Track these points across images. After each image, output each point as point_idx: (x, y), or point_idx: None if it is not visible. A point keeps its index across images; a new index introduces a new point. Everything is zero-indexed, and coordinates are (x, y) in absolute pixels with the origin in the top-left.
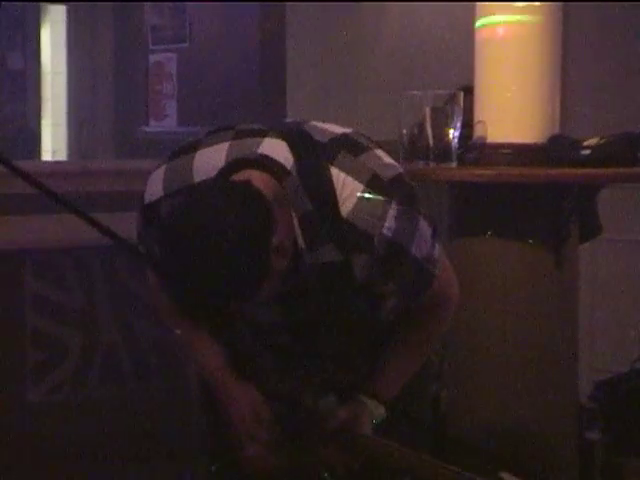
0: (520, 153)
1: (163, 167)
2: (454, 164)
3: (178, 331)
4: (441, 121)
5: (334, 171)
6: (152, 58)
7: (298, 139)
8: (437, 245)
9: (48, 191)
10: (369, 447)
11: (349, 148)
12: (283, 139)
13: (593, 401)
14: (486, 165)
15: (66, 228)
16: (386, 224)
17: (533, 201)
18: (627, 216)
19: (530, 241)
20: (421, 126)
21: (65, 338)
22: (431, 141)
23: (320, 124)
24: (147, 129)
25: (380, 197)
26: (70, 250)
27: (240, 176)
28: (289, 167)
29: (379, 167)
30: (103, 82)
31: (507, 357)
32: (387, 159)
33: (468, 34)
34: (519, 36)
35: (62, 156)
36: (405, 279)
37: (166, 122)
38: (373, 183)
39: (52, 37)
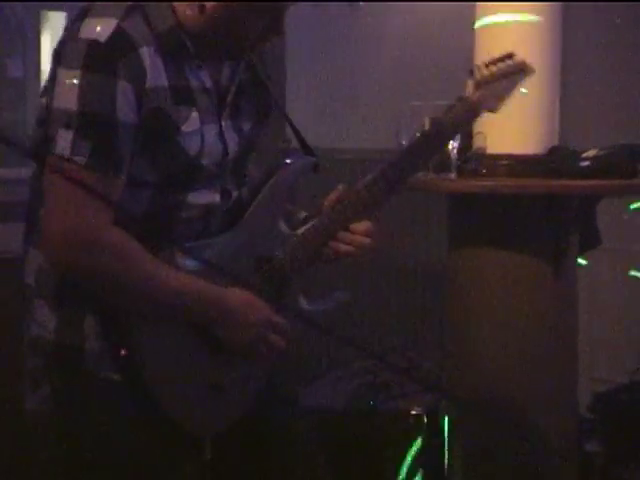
0: (519, 164)
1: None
2: (453, 175)
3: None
4: None
5: None
6: None
7: None
8: None
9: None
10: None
11: None
12: None
13: (592, 412)
14: (485, 176)
15: None
16: None
17: (532, 212)
18: (626, 225)
19: (529, 252)
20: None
21: None
22: None
23: None
24: None
25: None
26: None
27: None
28: None
29: None
30: None
31: (506, 367)
32: None
33: (469, 44)
34: (518, 47)
35: None
36: None
37: None
38: None
39: (52, 44)
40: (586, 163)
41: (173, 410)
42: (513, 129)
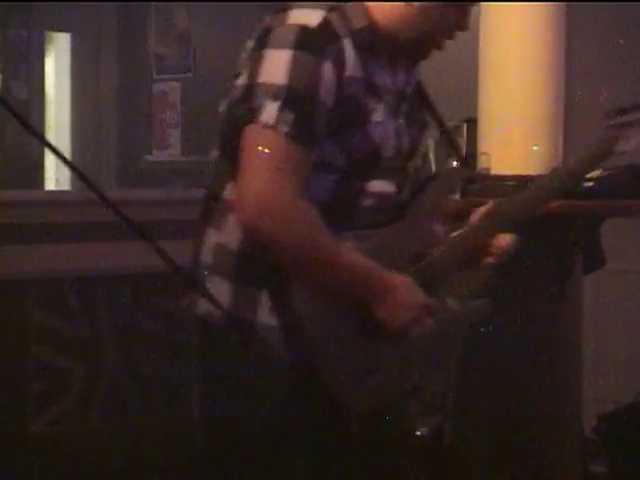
0: (523, 185)
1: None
2: (458, 196)
3: (314, 252)
4: (444, 153)
5: None
6: (156, 87)
7: None
8: None
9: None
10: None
11: None
12: None
13: (597, 433)
14: (489, 197)
15: (70, 258)
16: None
17: (537, 233)
18: (630, 245)
19: (533, 273)
20: (424, 157)
21: (68, 369)
22: None
23: None
24: (150, 158)
25: None
26: (74, 280)
27: None
28: None
29: None
30: (107, 111)
31: (511, 389)
32: None
33: (473, 66)
34: (522, 68)
35: (65, 185)
36: None
37: (169, 151)
38: None
39: (56, 66)
40: (590, 184)
41: (333, 384)
42: (516, 150)
